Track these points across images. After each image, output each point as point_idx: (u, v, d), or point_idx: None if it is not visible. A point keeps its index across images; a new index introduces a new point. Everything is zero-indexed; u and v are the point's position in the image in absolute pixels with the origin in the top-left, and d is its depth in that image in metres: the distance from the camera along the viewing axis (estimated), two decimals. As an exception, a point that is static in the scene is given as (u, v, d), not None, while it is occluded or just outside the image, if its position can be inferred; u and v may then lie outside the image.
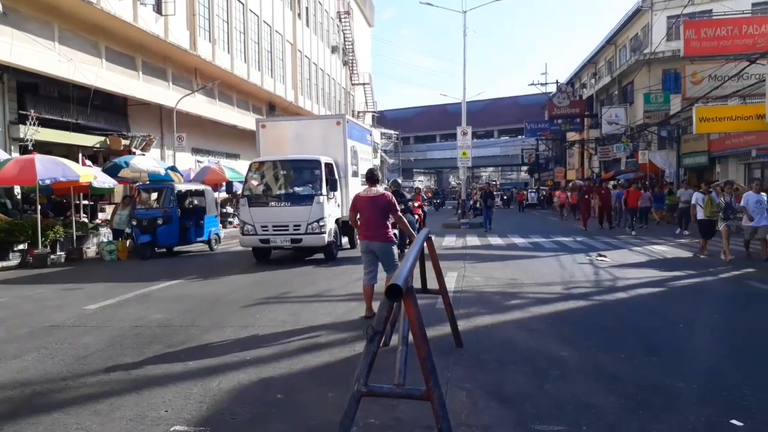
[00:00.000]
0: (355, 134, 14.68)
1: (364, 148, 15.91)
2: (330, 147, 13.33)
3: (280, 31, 32.26)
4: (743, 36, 22.28)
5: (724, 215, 12.09)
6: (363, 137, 16.12)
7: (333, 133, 13.58)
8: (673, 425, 3.84)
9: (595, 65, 45.26)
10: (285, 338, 6.12)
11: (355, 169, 14.54)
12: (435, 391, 2.85)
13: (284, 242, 12.25)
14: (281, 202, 12.27)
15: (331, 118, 15.73)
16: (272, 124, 14.59)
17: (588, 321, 6.94)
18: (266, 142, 13.82)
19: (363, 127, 17.83)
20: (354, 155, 14.42)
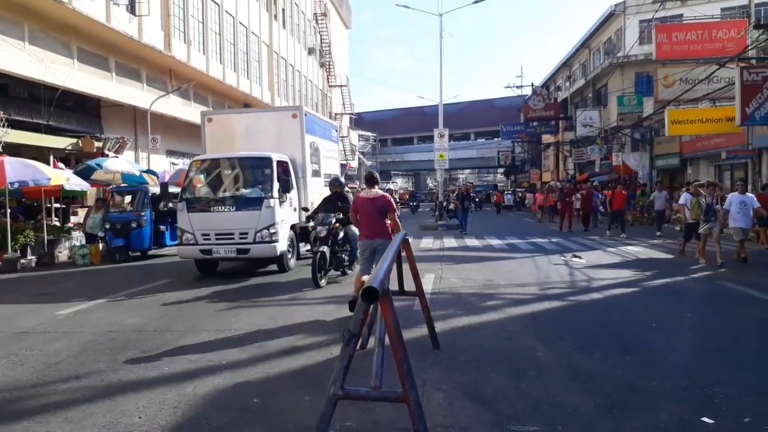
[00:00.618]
0: (316, 129, 13.30)
1: (327, 145, 14.51)
2: (285, 143, 11.93)
3: (256, 32, 32.07)
4: (713, 40, 22.76)
5: (705, 217, 11.77)
6: (326, 133, 14.68)
7: (288, 127, 12.09)
8: (647, 424, 3.89)
9: (569, 68, 45.85)
10: (262, 342, 6.07)
11: (316, 167, 13.06)
12: (411, 393, 2.85)
13: (229, 253, 10.61)
14: (225, 206, 10.64)
15: (286, 110, 13.65)
16: (220, 118, 13.10)
17: (563, 321, 7.01)
18: (213, 137, 12.45)
19: (327, 121, 16.01)
20: (315, 152, 13.04)
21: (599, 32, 37.69)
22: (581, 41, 41.00)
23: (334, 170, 15.02)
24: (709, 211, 11.71)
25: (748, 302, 8.01)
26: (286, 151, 11.77)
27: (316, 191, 12.65)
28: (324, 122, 15.17)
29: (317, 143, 13.24)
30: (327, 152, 14.33)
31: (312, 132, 12.77)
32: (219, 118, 12.94)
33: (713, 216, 11.68)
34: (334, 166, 15.42)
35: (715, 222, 11.66)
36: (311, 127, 12.77)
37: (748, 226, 11.68)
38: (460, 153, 72.15)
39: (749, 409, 4.10)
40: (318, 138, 13.35)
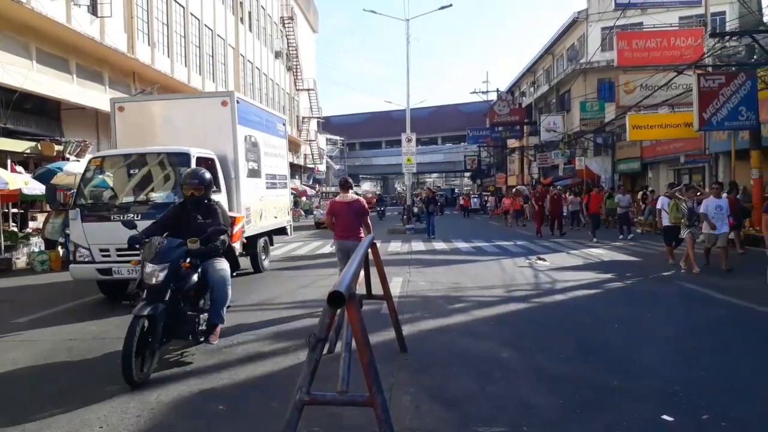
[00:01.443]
0: (254, 120, 11.41)
1: (271, 140, 12.51)
2: (213, 136, 10.10)
3: (222, 35, 31.73)
4: (671, 48, 23.41)
5: (688, 222, 11.26)
6: (270, 126, 12.61)
7: (218, 116, 10.19)
8: (609, 422, 3.97)
9: (533, 74, 46.59)
10: (227, 348, 6.00)
11: (254, 166, 11.20)
12: (378, 397, 2.85)
13: (133, 273, 8.13)
14: (129, 214, 8.23)
15: (214, 97, 11.51)
16: (133, 106, 10.93)
17: (528, 323, 7.11)
18: (125, 130, 10.49)
19: (270, 113, 13.50)
20: (252, 148, 11.18)
21: (562, 39, 38.40)
22: (545, 48, 41.71)
23: (280, 170, 13.35)
24: (692, 216, 11.26)
25: (706, 302, 8.24)
26: (213, 145, 9.84)
27: (254, 194, 11.10)
28: (267, 114, 12.84)
29: (256, 137, 11.39)
30: (270, 149, 12.37)
31: (248, 123, 10.98)
32: (133, 107, 10.83)
33: (696, 221, 11.22)
34: (281, 166, 13.51)
35: (696, 227, 11.22)
36: (247, 118, 10.96)
37: (725, 232, 11.09)
38: (428, 157, 72.53)
39: (707, 405, 4.22)
40: (257, 131, 11.51)
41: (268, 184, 12.11)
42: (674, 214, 11.55)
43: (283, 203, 13.48)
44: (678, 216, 11.44)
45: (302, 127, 48.84)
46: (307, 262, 13.73)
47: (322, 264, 13.04)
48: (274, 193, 12.57)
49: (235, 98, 10.30)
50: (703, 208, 11.02)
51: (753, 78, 15.79)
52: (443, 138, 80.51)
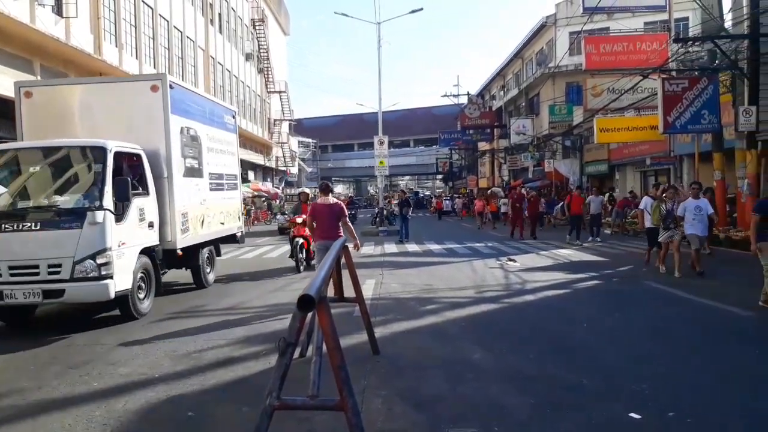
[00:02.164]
0: (193, 110, 9.74)
1: (216, 134, 10.91)
2: (140, 127, 8.54)
3: (192, 37, 31.35)
4: (637, 52, 23.94)
5: (665, 224, 10.90)
6: (215, 118, 10.91)
7: (147, 104, 8.57)
8: (579, 421, 4.03)
9: (503, 78, 47.12)
10: (197, 353, 5.92)
11: (194, 164, 9.61)
12: (349, 401, 2.84)
13: (31, 296, 6.88)
14: (26, 222, 6.94)
15: (142, 81, 9.81)
16: (44, 91, 9.11)
17: (499, 323, 7.17)
18: (34, 119, 8.76)
19: (216, 102, 11.84)
20: (191, 142, 9.54)
21: (531, 43, 38.92)
22: (514, 52, 42.22)
23: (229, 169, 11.67)
24: (668, 218, 10.85)
25: (672, 301, 8.42)
26: (142, 138, 8.35)
27: (194, 197, 9.48)
28: (211, 103, 11.16)
29: (196, 130, 9.79)
30: (215, 144, 10.82)
31: (186, 113, 9.37)
32: (43, 92, 9.04)
33: (672, 223, 10.81)
34: (230, 164, 11.82)
35: (675, 230, 10.79)
36: (185, 107, 9.34)
37: (705, 234, 10.73)
38: (400, 160, 72.81)
39: (673, 403, 4.30)
40: (198, 123, 9.90)
41: (213, 185, 10.54)
42: (657, 216, 11.15)
43: (232, 207, 11.74)
44: (660, 217, 11.05)
45: (274, 129, 48.51)
46: (278, 265, 13.62)
47: (293, 268, 12.95)
48: (220, 195, 10.98)
49: (168, 82, 8.64)
50: (681, 209, 10.68)
51: (715, 82, 16.23)
52: (415, 140, 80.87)
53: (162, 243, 8.53)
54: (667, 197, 11.14)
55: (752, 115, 14.46)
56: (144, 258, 7.94)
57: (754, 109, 14.47)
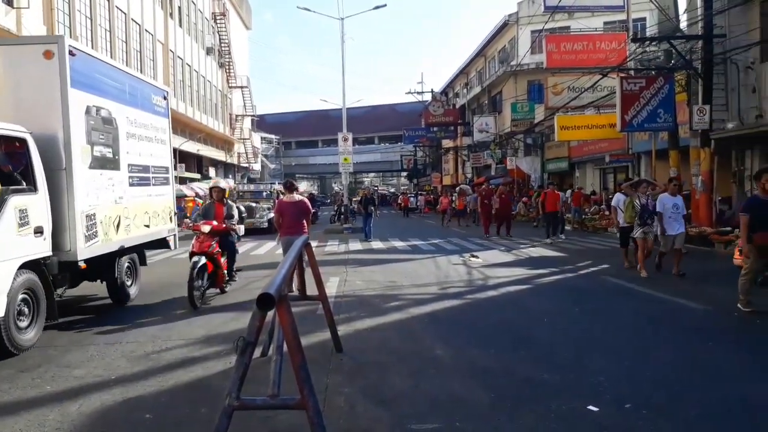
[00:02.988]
0: (105, 85, 7.78)
1: (140, 117, 8.88)
2: (28, 103, 6.81)
3: (150, 30, 30.66)
4: (597, 51, 24.42)
5: (640, 221, 10.25)
6: (137, 97, 8.90)
7: (38, 75, 6.81)
8: (539, 414, 4.08)
9: (466, 75, 47.51)
10: (155, 354, 5.78)
11: (105, 153, 7.63)
12: (310, 399, 2.81)
13: None
14: None
15: (32, 44, 7.39)
16: None
17: (462, 319, 7.23)
18: None
19: (139, 78, 9.60)
20: (103, 126, 7.58)
21: (494, 41, 39.32)
22: (477, 50, 42.59)
23: (157, 160, 9.64)
24: (644, 214, 10.22)
25: (629, 296, 8.62)
26: (31, 118, 6.60)
27: (106, 195, 7.60)
28: (134, 79, 9.09)
29: (111, 110, 7.86)
30: (139, 129, 8.84)
31: (96, 89, 7.49)
32: None
33: (649, 219, 10.19)
34: (159, 154, 9.79)
35: (651, 226, 10.21)
36: (94, 81, 7.45)
37: (681, 231, 10.13)
38: (365, 157, 72.74)
39: (630, 395, 4.39)
40: (113, 101, 7.94)
41: (135, 179, 8.62)
42: (630, 213, 10.67)
43: (161, 206, 9.73)
44: (633, 215, 10.52)
45: (235, 125, 47.86)
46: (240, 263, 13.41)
47: (256, 266, 12.81)
48: (145, 192, 8.99)
49: (67, 47, 6.79)
50: (660, 206, 10.07)
51: (670, 82, 16.67)
52: (380, 137, 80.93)
53: (58, 254, 6.67)
54: (641, 191, 10.54)
55: (706, 114, 14.91)
56: (27, 275, 6.10)
57: (708, 108, 14.92)
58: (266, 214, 22.89)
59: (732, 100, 15.57)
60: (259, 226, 22.59)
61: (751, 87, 15.07)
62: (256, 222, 22.74)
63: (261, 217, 23.12)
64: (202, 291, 8.21)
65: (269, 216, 21.74)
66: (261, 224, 22.77)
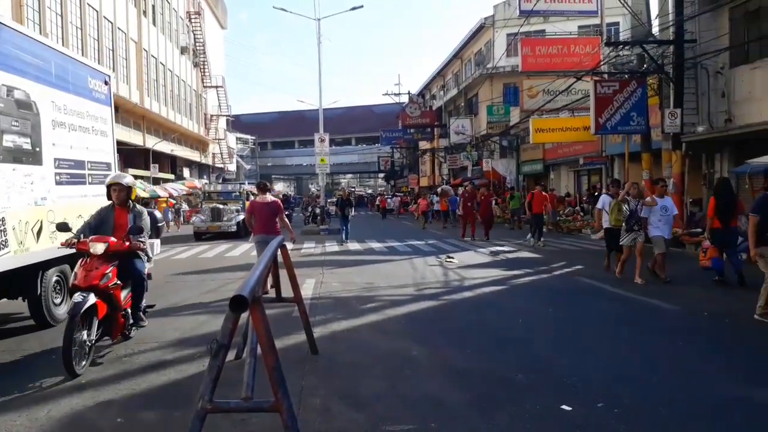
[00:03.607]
0: (23, 62, 6.40)
1: (72, 103, 7.51)
2: None
3: (123, 28, 30.20)
4: (571, 54, 24.72)
5: (627, 226, 9.79)
6: (71, 81, 7.53)
7: None
8: (513, 415, 4.11)
9: (443, 78, 47.71)
10: (127, 357, 5.69)
11: (22, 144, 6.34)
12: (284, 402, 2.79)
13: None
14: None
15: None
16: None
17: (438, 320, 7.25)
18: None
19: (73, 58, 8.06)
20: (17, 110, 6.25)
21: (470, 44, 39.55)
22: (454, 52, 42.80)
23: (95, 155, 8.23)
24: (632, 219, 9.74)
25: (601, 296, 8.73)
26: None
27: (21, 195, 6.28)
28: (64, 58, 7.59)
29: (30, 93, 6.53)
30: (74, 118, 7.57)
31: (6, 63, 6.07)
32: None
33: (636, 224, 9.72)
34: (98, 147, 8.41)
35: (639, 231, 9.75)
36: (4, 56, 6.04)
37: (670, 236, 9.87)
38: (342, 158, 72.63)
39: (602, 395, 4.45)
40: (34, 83, 6.63)
41: (65, 177, 7.29)
42: (615, 216, 10.21)
43: None
44: (620, 218, 10.11)
45: (210, 125, 47.39)
46: (214, 265, 13.32)
47: (230, 267, 12.70)
48: (78, 192, 7.65)
49: None
50: (645, 210, 9.75)
51: (643, 85, 16.92)
52: (357, 139, 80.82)
53: None
54: (632, 195, 10.00)
55: (677, 118, 15.18)
56: None
57: (679, 112, 15.20)
58: (235, 216, 21.31)
59: (702, 104, 15.88)
60: (227, 230, 20.82)
61: (721, 92, 15.40)
62: (223, 226, 20.93)
63: (229, 220, 21.19)
64: (89, 347, 5.28)
65: (238, 219, 20.72)
66: (229, 228, 20.92)
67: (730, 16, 15.22)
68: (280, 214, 9.03)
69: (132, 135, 31.71)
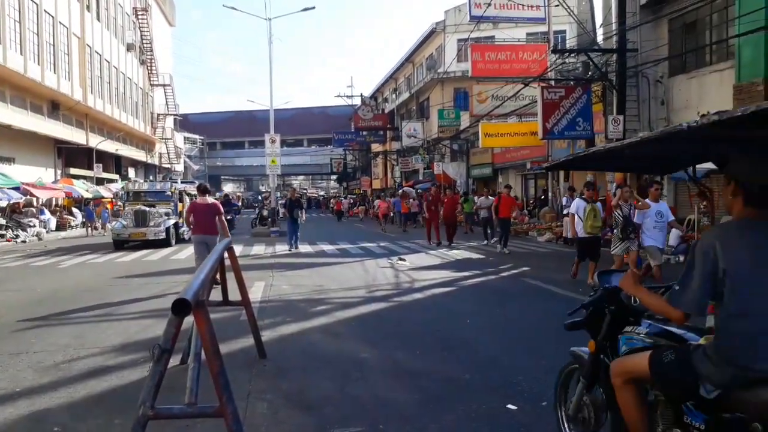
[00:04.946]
0: None
1: None
2: None
3: (65, 22, 29.12)
4: (519, 61, 25.26)
5: (623, 234, 8.83)
6: None
7: None
8: (460, 414, 4.16)
9: (395, 81, 47.99)
10: (66, 364, 5.47)
11: None
12: (228, 407, 2.73)
13: None
14: None
15: None
16: None
17: (388, 322, 7.27)
18: None
19: None
20: None
21: (422, 48, 39.92)
22: (406, 56, 43.10)
23: None
24: (629, 227, 8.85)
25: (548, 297, 8.94)
26: None
27: None
28: None
29: None
30: None
31: None
32: None
33: (633, 233, 8.85)
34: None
35: (633, 240, 8.90)
36: None
37: (664, 245, 9.09)
38: (294, 159, 71.98)
39: (546, 394, 4.55)
40: None
41: None
42: (591, 222, 9.39)
43: None
44: (596, 224, 9.38)
45: (157, 124, 46.20)
46: (160, 268, 12.98)
47: (176, 270, 12.40)
48: None
49: None
50: (639, 216, 8.91)
51: (588, 92, 17.46)
52: (309, 140, 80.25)
53: None
54: (623, 197, 9.06)
55: (620, 124, 15.71)
56: None
57: (622, 118, 15.73)
58: (164, 221, 18.02)
59: (643, 111, 16.51)
60: (154, 238, 17.60)
61: (660, 99, 16.06)
62: (149, 232, 17.58)
63: (157, 225, 17.77)
64: None
65: (169, 224, 18.13)
66: (156, 235, 17.65)
67: (669, 28, 15.89)
68: (219, 215, 9.45)
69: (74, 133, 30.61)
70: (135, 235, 17.71)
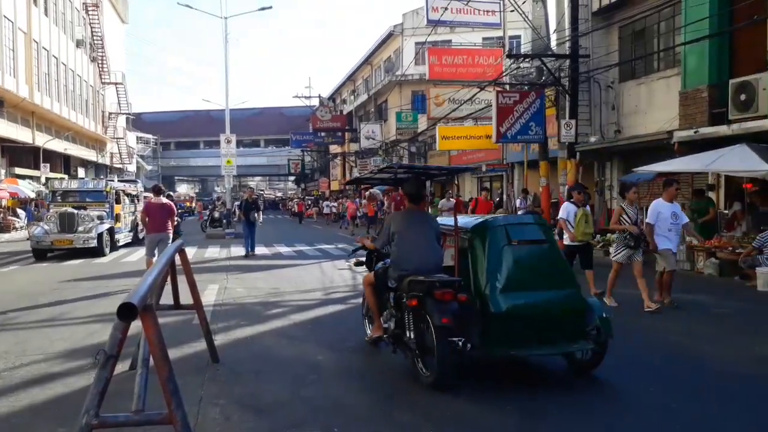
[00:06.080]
0: None
1: None
2: None
3: (10, 17, 28.02)
4: (476, 65, 25.60)
5: (635, 243, 7.80)
6: None
7: None
8: (417, 413, 4.17)
9: (354, 83, 47.96)
10: (7, 372, 5.24)
11: None
12: (177, 413, 2.67)
13: None
14: None
15: None
16: None
17: (344, 324, 7.21)
18: None
19: None
20: None
21: (380, 50, 40.02)
22: (364, 58, 43.12)
23: None
24: (642, 236, 7.85)
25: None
26: None
27: None
28: None
29: None
30: None
31: None
32: None
33: (644, 242, 7.84)
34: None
35: (639, 250, 7.87)
36: None
37: (676, 250, 8.12)
38: (250, 160, 71.01)
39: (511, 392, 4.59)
40: None
41: None
42: (582, 229, 8.40)
43: None
44: (588, 231, 8.49)
45: (109, 123, 44.89)
46: (109, 271, 12.59)
47: (126, 273, 12.06)
48: None
49: None
50: (653, 215, 7.81)
51: (541, 97, 17.79)
52: (266, 140, 79.36)
53: None
54: (631, 198, 8.21)
55: (572, 128, 16.07)
56: None
57: (574, 123, 16.09)
58: (95, 226, 15.15)
59: (595, 116, 16.94)
60: (83, 245, 14.74)
61: (611, 104, 16.50)
62: (77, 239, 14.68)
63: (87, 230, 14.88)
64: None
65: (101, 229, 15.29)
66: (86, 242, 14.77)
67: (620, 35, 16.36)
68: (172, 216, 10.08)
69: (20, 131, 29.47)
70: (59, 242, 14.78)
